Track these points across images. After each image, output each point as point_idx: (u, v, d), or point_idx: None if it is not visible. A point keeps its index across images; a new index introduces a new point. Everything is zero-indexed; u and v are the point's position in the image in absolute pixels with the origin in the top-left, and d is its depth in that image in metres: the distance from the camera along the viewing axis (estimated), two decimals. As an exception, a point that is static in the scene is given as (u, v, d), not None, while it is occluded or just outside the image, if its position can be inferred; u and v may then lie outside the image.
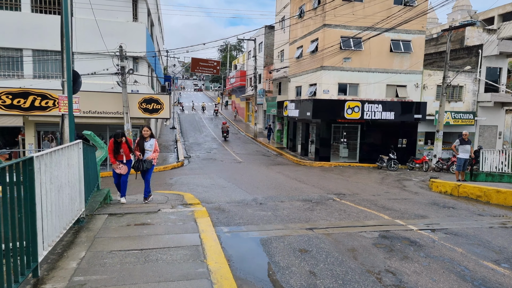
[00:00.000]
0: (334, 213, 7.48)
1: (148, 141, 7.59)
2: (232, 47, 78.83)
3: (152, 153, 7.62)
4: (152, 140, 7.65)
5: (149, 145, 7.59)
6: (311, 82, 23.51)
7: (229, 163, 19.47)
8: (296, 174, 15.05)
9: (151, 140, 7.64)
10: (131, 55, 17.68)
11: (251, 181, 12.65)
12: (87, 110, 16.69)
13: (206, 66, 35.93)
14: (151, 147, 7.61)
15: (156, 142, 7.76)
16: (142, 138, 7.60)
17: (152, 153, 7.64)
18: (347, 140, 22.89)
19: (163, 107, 17.85)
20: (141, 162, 7.50)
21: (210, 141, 29.16)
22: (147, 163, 7.61)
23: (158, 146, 7.71)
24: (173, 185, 12.03)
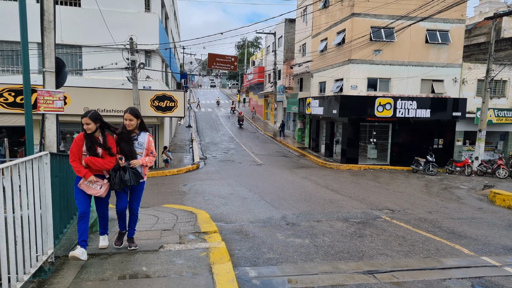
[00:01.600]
0: (392, 243, 5.71)
1: (137, 137, 4.44)
2: (249, 44, 77.20)
3: (143, 157, 4.41)
4: (143, 136, 4.48)
5: (138, 144, 4.41)
6: (337, 77, 21.59)
7: (248, 165, 17.84)
8: (325, 180, 13.26)
9: (142, 136, 4.48)
10: (143, 48, 16.22)
11: (275, 189, 10.96)
12: (95, 108, 15.33)
13: (223, 62, 34.43)
14: (142, 146, 4.42)
15: (150, 139, 4.54)
16: (126, 133, 4.36)
17: (143, 157, 4.42)
18: (377, 140, 20.90)
19: (177, 104, 16.35)
20: (120, 172, 4.17)
21: (227, 141, 27.61)
22: (133, 175, 4.26)
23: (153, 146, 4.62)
24: (186, 194, 10.47)
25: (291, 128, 31.36)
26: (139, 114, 4.51)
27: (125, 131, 4.39)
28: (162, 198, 10.11)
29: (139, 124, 4.47)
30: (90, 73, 16.49)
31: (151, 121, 16.62)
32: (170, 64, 23.33)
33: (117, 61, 15.59)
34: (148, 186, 13.18)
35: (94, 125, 4.07)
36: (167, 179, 14.38)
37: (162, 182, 13.29)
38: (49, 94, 5.80)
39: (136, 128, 4.45)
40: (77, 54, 16.45)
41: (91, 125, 4.02)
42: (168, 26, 23.61)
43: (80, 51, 16.35)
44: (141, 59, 16.63)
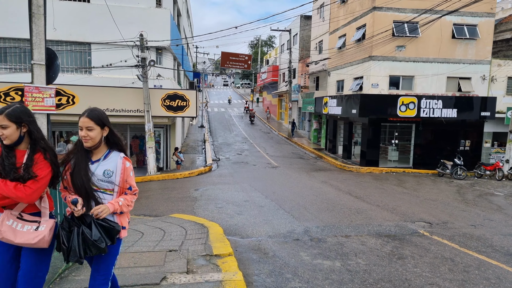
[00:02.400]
0: (440, 267, 4.77)
1: (101, 160, 2.60)
2: (263, 43, 76.33)
3: (115, 198, 2.60)
4: (113, 159, 2.64)
5: (105, 174, 2.57)
6: (356, 75, 20.53)
7: (263, 168, 16.98)
8: (346, 185, 12.30)
9: (112, 159, 2.64)
10: (154, 45, 15.55)
11: (293, 196, 10.07)
12: (104, 107, 14.69)
13: (237, 61, 33.69)
14: (110, 177, 2.58)
15: (126, 165, 2.67)
16: (81, 151, 2.60)
17: (116, 198, 2.61)
18: (398, 141, 19.77)
19: (188, 104, 15.62)
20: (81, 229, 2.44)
21: (241, 141, 26.82)
22: (104, 232, 2.49)
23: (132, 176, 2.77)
24: (198, 200, 9.67)
25: (306, 129, 30.38)
26: (105, 120, 2.59)
27: (77, 150, 2.58)
28: (172, 204, 9.35)
29: (106, 137, 2.59)
30: (99, 72, 15.91)
31: (162, 121, 15.94)
32: (183, 62, 22.67)
33: (127, 59, 14.95)
34: (157, 190, 12.50)
35: (16, 130, 2.38)
36: (178, 182, 13.66)
37: (173, 186, 12.56)
38: (38, 90, 5.08)
39: (99, 143, 2.55)
40: (86, 52, 15.89)
41: (8, 131, 2.34)
42: (180, 23, 22.96)
43: (89, 48, 15.78)
44: (152, 56, 15.97)
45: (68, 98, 14.28)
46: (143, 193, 11.54)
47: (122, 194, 2.67)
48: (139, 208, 9.22)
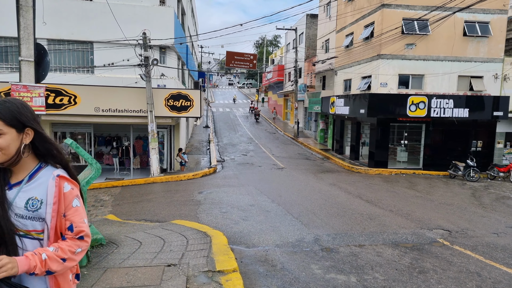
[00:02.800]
0: (466, 284, 4.33)
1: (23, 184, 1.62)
2: (268, 43, 75.93)
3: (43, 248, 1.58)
4: (42, 178, 1.63)
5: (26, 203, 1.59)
6: (364, 74, 20.03)
7: (269, 169, 16.57)
8: (356, 187, 11.84)
9: (40, 177, 1.64)
10: (157, 43, 15.19)
11: (301, 200, 9.64)
12: (106, 108, 14.43)
13: (242, 60, 33.32)
14: (37, 210, 1.59)
15: (66, 189, 1.63)
16: None
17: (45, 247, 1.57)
18: (408, 142, 19.25)
19: (192, 104, 15.25)
20: None
21: (246, 142, 26.42)
22: None
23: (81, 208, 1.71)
24: (201, 204, 9.29)
25: (313, 129, 29.91)
26: (25, 118, 1.60)
27: None
28: (174, 209, 8.97)
29: (32, 143, 1.65)
30: (101, 71, 15.62)
31: (166, 121, 15.59)
32: (187, 62, 22.34)
33: (130, 58, 14.61)
34: (160, 193, 12.14)
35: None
36: (182, 184, 13.29)
37: (176, 189, 12.19)
38: (27, 89, 4.68)
39: (17, 156, 1.60)
40: (88, 51, 15.59)
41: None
42: (184, 22, 22.63)
43: (92, 47, 15.48)
44: (155, 55, 15.62)
45: (70, 98, 13.98)
46: (145, 196, 11.19)
47: (57, 238, 1.63)
48: (140, 212, 8.86)
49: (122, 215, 8.74)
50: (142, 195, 11.36)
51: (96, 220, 7.85)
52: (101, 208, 9.80)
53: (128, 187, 13.45)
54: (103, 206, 10.20)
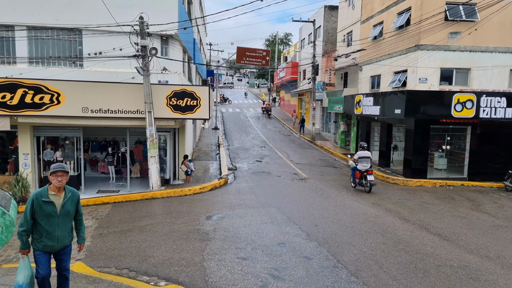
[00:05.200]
0: None
1: None
2: (279, 41, 73.32)
3: None
4: None
5: None
6: (397, 68, 17.33)
7: (289, 180, 14.01)
8: (409, 210, 9.20)
9: None
10: (157, 30, 12.69)
11: (348, 234, 7.06)
12: (97, 108, 12.04)
13: (254, 57, 30.87)
14: None
15: None
16: None
17: None
18: (451, 147, 16.50)
19: (200, 103, 12.77)
20: None
21: (259, 145, 23.88)
22: None
23: None
24: (210, 239, 6.78)
25: (332, 131, 27.22)
26: None
27: None
28: (173, 246, 6.49)
29: None
30: (92, 64, 13.22)
31: (168, 124, 13.12)
32: (194, 57, 19.89)
33: (125, 47, 12.19)
34: (158, 216, 9.41)
35: None
36: (186, 202, 10.81)
37: (179, 210, 9.70)
38: None
39: None
40: (76, 40, 13.21)
41: None
42: (191, 12, 20.16)
43: (80, 36, 13.09)
44: (156, 45, 13.15)
45: (52, 97, 11.61)
46: (139, 221, 8.71)
47: None
48: (126, 252, 6.38)
49: (100, 257, 6.29)
50: (134, 220, 8.89)
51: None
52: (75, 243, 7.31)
53: (121, 204, 11.02)
54: (81, 237, 7.73)
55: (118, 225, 8.50)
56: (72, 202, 4.28)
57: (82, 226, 4.57)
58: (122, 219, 9.02)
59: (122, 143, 15.62)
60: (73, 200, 4.29)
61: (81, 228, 4.56)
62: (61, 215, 4.16)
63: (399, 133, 19.70)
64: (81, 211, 4.52)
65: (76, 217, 4.44)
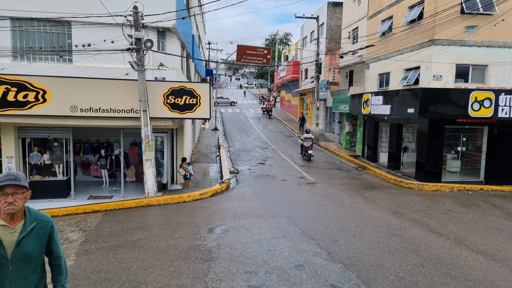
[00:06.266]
0: None
1: None
2: (278, 41, 72.40)
3: None
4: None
5: None
6: (409, 65, 16.35)
7: (296, 184, 12.99)
8: (436, 220, 8.18)
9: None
10: (152, 22, 11.65)
11: (376, 252, 6.04)
12: (86, 106, 11.00)
13: (254, 55, 29.79)
14: None
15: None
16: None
17: None
18: (466, 149, 15.51)
19: (200, 101, 11.74)
20: None
21: (261, 147, 22.85)
22: None
23: None
24: (213, 259, 5.75)
25: (336, 131, 26.22)
26: None
27: None
28: (170, 269, 5.46)
29: None
30: (82, 59, 12.16)
31: (165, 124, 12.07)
32: (193, 53, 18.86)
33: (117, 39, 11.15)
34: (153, 228, 8.05)
35: None
36: (185, 210, 9.76)
37: (177, 220, 8.66)
38: None
39: None
40: (65, 33, 12.14)
41: None
42: (190, 4, 19.11)
43: (69, 28, 12.02)
44: (152, 39, 12.10)
45: (37, 94, 10.55)
46: (131, 234, 7.66)
47: None
48: (114, 274, 5.34)
49: (83, 281, 5.24)
50: (126, 232, 7.84)
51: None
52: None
53: (112, 213, 9.96)
54: (63, 255, 6.67)
55: (108, 239, 7.44)
56: (38, 238, 2.56)
57: (62, 275, 2.78)
58: (113, 232, 7.97)
59: (116, 144, 14.58)
60: (40, 235, 2.58)
61: (60, 280, 2.77)
62: (16, 261, 2.48)
63: (409, 133, 18.74)
64: (58, 252, 2.74)
65: (51, 262, 2.75)
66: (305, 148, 18.86)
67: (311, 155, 18.64)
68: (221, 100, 49.21)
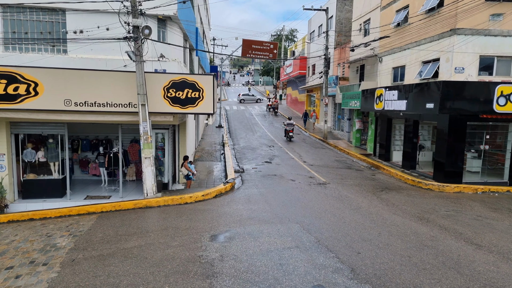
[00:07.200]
0: None
1: None
2: (284, 37, 71.31)
3: None
4: None
5: None
6: (427, 57, 15.33)
7: (306, 184, 12.08)
8: (470, 228, 7.24)
9: None
10: (151, 7, 10.75)
11: (409, 271, 5.13)
12: (81, 100, 10.19)
13: (261, 50, 28.78)
14: None
15: None
16: None
17: None
18: (489, 147, 14.45)
19: (202, 95, 10.86)
20: None
21: (267, 144, 21.96)
22: None
23: None
24: (216, 276, 4.90)
25: (345, 129, 25.21)
26: None
27: None
28: (166, 285, 4.57)
29: None
30: (77, 48, 11.33)
31: (165, 119, 11.22)
32: (197, 46, 17.98)
33: (114, 28, 10.31)
34: (150, 234, 6.68)
35: None
36: (185, 212, 8.91)
37: (177, 225, 7.80)
38: None
39: None
40: (59, 22, 11.32)
41: None
42: (194, -4, 18.21)
43: (64, 17, 11.20)
44: (151, 28, 11.24)
45: (28, 87, 9.76)
46: (125, 241, 6.83)
47: None
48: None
49: None
50: (120, 238, 7.00)
51: None
52: (37, 273, 5.50)
53: (108, 215, 9.15)
54: (45, 265, 5.88)
55: (98, 247, 6.62)
56: None
57: None
58: (105, 237, 7.14)
59: (115, 141, 13.78)
60: None
61: None
62: None
63: (424, 131, 17.72)
64: None
65: None
66: (287, 132, 23.59)
67: (292, 137, 23.60)
68: (247, 97, 48.82)
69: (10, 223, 9.03)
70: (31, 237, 7.46)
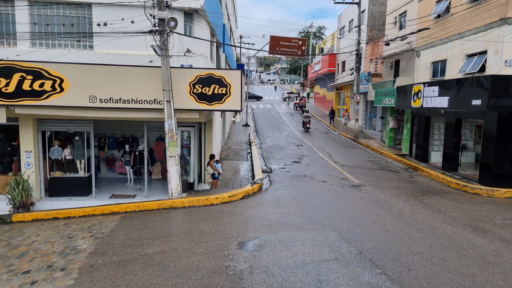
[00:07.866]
0: None
1: None
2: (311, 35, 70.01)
3: None
4: None
5: None
6: (472, 50, 14.09)
7: (339, 186, 11.28)
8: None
9: None
10: (178, 0, 10.30)
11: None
12: (106, 97, 9.91)
13: (288, 46, 28.10)
14: None
15: None
16: None
17: None
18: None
19: (230, 91, 10.32)
20: None
21: (295, 143, 21.22)
22: None
23: None
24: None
25: (378, 128, 24.01)
26: None
27: None
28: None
29: None
30: (103, 43, 11.09)
31: (191, 117, 10.75)
32: (224, 40, 17.50)
33: (140, 21, 9.94)
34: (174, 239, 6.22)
35: None
36: (211, 215, 8.39)
37: (202, 229, 7.28)
38: None
39: None
40: (85, 17, 11.12)
41: None
42: (221, -9, 17.76)
43: (90, 11, 10.98)
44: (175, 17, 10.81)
45: (54, 83, 9.56)
46: (147, 245, 6.37)
47: None
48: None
49: None
50: (142, 242, 6.56)
51: None
52: (54, 280, 5.12)
53: (131, 215, 8.79)
54: (63, 271, 5.50)
55: (119, 251, 6.19)
56: None
57: None
58: (127, 241, 6.72)
59: (141, 139, 13.53)
60: None
61: None
62: None
63: (466, 130, 16.42)
64: None
65: None
66: (305, 123, 26.07)
67: (309, 127, 26.13)
68: (292, 95, 49.08)
69: (34, 222, 8.85)
70: (52, 238, 7.17)
